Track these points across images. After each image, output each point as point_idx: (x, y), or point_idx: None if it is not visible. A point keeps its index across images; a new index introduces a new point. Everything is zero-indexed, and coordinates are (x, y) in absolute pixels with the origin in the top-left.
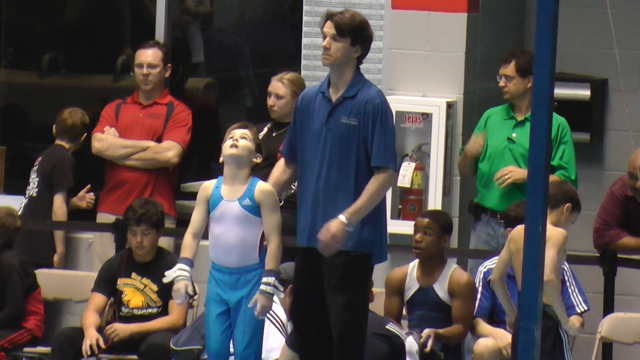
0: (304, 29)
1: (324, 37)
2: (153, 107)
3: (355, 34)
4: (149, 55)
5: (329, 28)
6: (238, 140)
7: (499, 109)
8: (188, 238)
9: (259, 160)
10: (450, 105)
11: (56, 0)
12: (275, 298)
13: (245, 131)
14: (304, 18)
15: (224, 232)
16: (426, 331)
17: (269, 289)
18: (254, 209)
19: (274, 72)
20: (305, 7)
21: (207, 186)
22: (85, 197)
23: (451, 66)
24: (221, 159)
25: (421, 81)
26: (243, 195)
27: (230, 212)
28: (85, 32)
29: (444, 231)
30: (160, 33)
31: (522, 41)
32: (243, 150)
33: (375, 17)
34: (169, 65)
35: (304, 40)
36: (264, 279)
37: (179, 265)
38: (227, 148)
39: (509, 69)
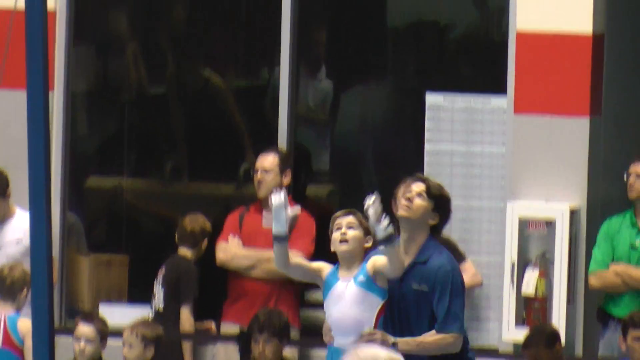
0: (427, 135)
1: (410, 193)
2: None
3: (440, 202)
4: (264, 161)
5: (418, 187)
6: (346, 232)
7: (620, 216)
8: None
9: (369, 244)
10: (573, 212)
11: (179, 108)
12: None
13: (351, 219)
14: (426, 124)
15: (340, 314)
16: None
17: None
18: (369, 284)
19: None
20: (427, 113)
21: (326, 268)
22: (204, 325)
23: (574, 171)
24: (332, 249)
25: (544, 187)
26: (357, 274)
27: (347, 292)
28: (208, 139)
29: (551, 344)
30: (282, 140)
31: None
32: (354, 243)
33: (498, 122)
34: (288, 172)
35: (427, 146)
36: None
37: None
38: (336, 243)
39: None
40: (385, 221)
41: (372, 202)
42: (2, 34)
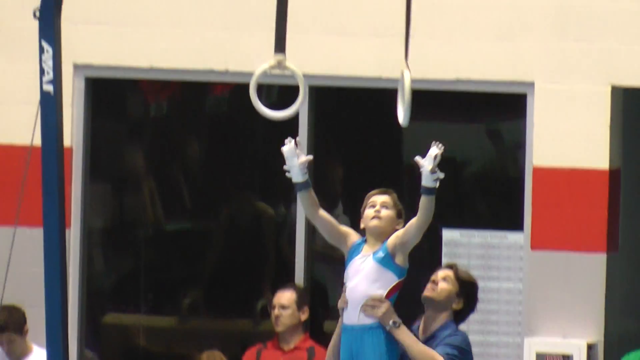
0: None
1: (435, 277)
2: (294, 351)
3: (466, 288)
4: (281, 297)
5: (444, 272)
6: (380, 210)
7: (638, 352)
8: None
9: (400, 226)
10: (590, 347)
11: (195, 244)
12: None
13: (386, 199)
14: (443, 260)
15: (353, 287)
16: None
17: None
18: (387, 260)
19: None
20: (444, 249)
21: (353, 236)
22: None
23: (591, 307)
24: (362, 225)
25: (561, 322)
26: (377, 250)
27: (364, 267)
28: (225, 275)
29: None
30: (299, 276)
31: None
32: (386, 222)
33: (515, 258)
34: (305, 308)
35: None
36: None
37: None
38: (368, 219)
39: None
40: (438, 174)
41: (438, 153)
42: (19, 170)
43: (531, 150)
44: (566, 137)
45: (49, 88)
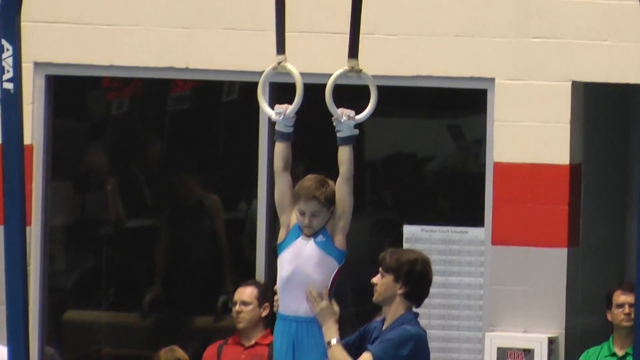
0: None
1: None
2: (255, 347)
3: (402, 269)
4: (242, 293)
5: (379, 268)
6: (310, 221)
7: (599, 347)
8: None
9: (332, 212)
10: (552, 341)
11: (156, 241)
12: None
13: (314, 206)
14: (404, 246)
15: (294, 270)
16: None
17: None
18: (329, 245)
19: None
20: (405, 245)
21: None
22: None
23: (552, 301)
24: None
25: (522, 317)
26: (317, 234)
27: (305, 251)
28: (186, 271)
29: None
30: (260, 273)
31: (624, 274)
32: (318, 226)
33: (476, 253)
34: (267, 304)
35: None
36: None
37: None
38: (301, 226)
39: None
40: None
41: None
42: None
43: (492, 146)
44: (527, 133)
45: (9, 86)
